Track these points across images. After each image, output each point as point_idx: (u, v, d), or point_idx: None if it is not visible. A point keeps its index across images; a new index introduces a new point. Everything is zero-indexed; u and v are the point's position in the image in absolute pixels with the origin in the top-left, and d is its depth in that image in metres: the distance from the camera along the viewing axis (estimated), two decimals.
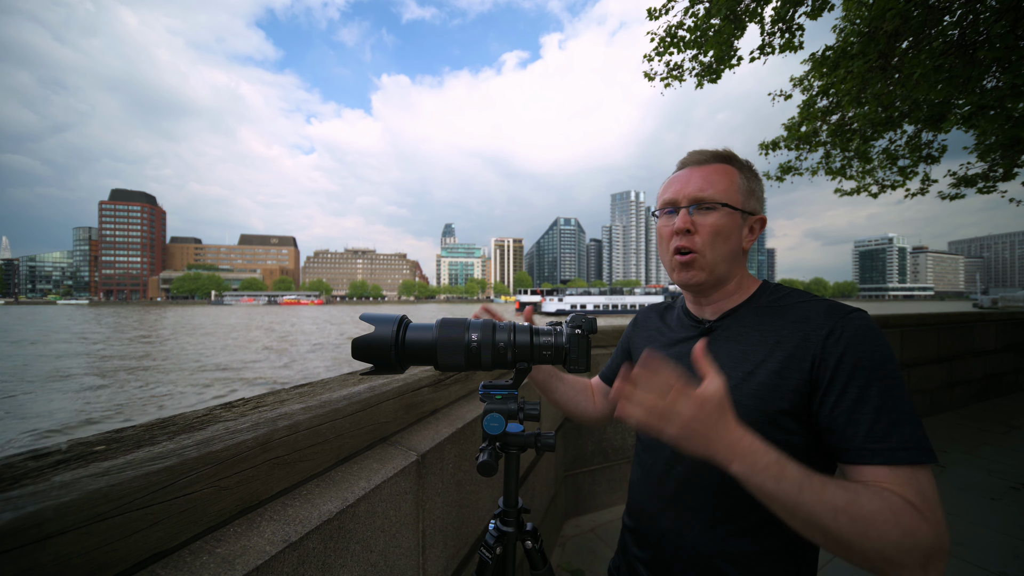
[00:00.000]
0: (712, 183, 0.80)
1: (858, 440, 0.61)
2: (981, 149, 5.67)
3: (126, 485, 0.56)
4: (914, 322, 4.99)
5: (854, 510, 0.53)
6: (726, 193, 0.79)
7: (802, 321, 0.73)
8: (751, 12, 4.53)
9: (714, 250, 0.79)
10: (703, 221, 0.79)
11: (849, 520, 0.53)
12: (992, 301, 70.74)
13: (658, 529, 0.84)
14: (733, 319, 0.83)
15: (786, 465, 0.56)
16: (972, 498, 2.95)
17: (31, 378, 13.51)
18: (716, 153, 0.84)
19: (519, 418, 0.83)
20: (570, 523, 2.73)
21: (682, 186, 0.82)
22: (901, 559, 0.52)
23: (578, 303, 63.25)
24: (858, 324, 0.68)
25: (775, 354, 0.72)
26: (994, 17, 3.52)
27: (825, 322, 0.70)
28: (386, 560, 0.91)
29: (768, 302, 0.81)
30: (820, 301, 0.76)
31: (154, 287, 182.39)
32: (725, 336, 0.81)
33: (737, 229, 0.80)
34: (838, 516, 0.53)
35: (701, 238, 0.79)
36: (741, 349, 0.77)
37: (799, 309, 0.75)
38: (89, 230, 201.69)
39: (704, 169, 0.82)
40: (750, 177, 0.83)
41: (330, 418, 0.92)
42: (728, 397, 0.59)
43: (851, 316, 0.70)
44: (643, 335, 1.02)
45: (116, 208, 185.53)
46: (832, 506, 0.53)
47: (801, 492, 0.55)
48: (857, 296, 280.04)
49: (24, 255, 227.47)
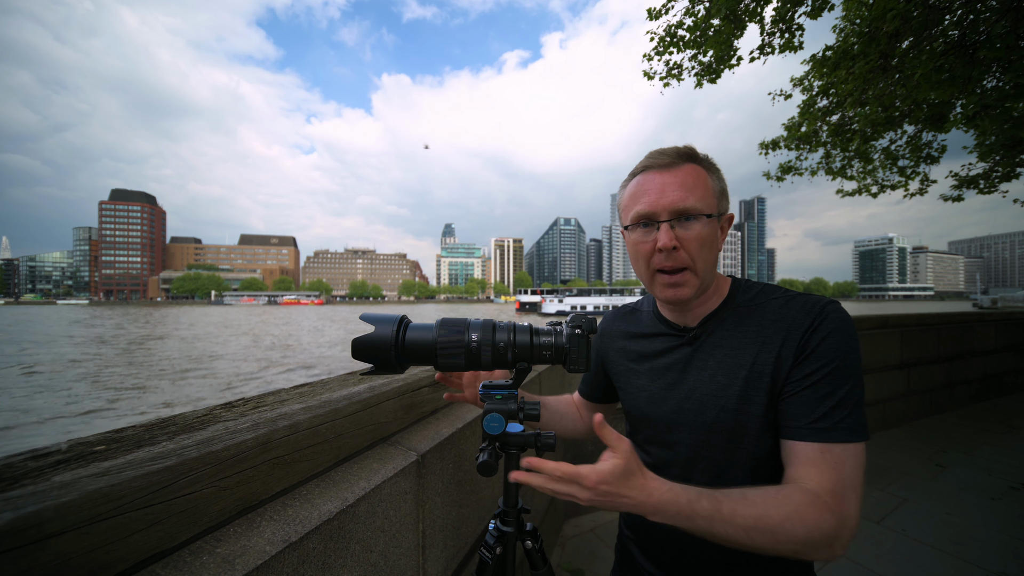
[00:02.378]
0: (690, 190, 0.74)
1: (800, 420, 0.68)
2: (982, 149, 5.67)
3: (126, 485, 0.56)
4: (914, 322, 4.99)
5: (763, 525, 0.60)
6: (705, 200, 0.74)
7: (781, 320, 0.75)
8: (751, 12, 4.53)
9: (702, 263, 0.76)
10: (687, 235, 0.74)
11: (760, 534, 0.61)
12: (992, 301, 70.75)
13: (667, 540, 0.84)
14: (715, 323, 0.82)
15: (697, 505, 0.61)
16: (972, 498, 2.95)
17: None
18: (679, 151, 0.77)
19: (519, 418, 0.83)
20: (570, 523, 2.73)
21: (658, 196, 0.75)
22: (809, 549, 0.62)
23: (578, 304, 63.26)
24: (834, 316, 0.72)
25: (763, 356, 0.74)
26: (994, 17, 3.52)
27: (804, 319, 0.73)
28: (386, 560, 0.91)
29: (743, 302, 0.81)
30: (792, 297, 0.78)
31: (154, 287, 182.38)
32: (712, 343, 0.81)
33: (716, 235, 0.78)
34: (750, 534, 0.61)
35: (688, 253, 0.75)
36: (728, 354, 0.78)
37: (774, 307, 0.77)
38: (89, 230, 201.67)
39: (675, 174, 0.75)
40: (717, 174, 0.79)
41: (330, 418, 0.92)
42: (633, 458, 0.62)
43: (827, 309, 0.73)
44: (615, 346, 0.98)
45: (116, 208, 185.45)
46: (743, 527, 0.60)
47: (712, 524, 0.61)
48: (857, 296, 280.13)
49: (24, 255, 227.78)
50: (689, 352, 0.83)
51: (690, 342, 0.84)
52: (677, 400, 0.82)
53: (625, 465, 0.61)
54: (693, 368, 0.81)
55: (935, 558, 2.30)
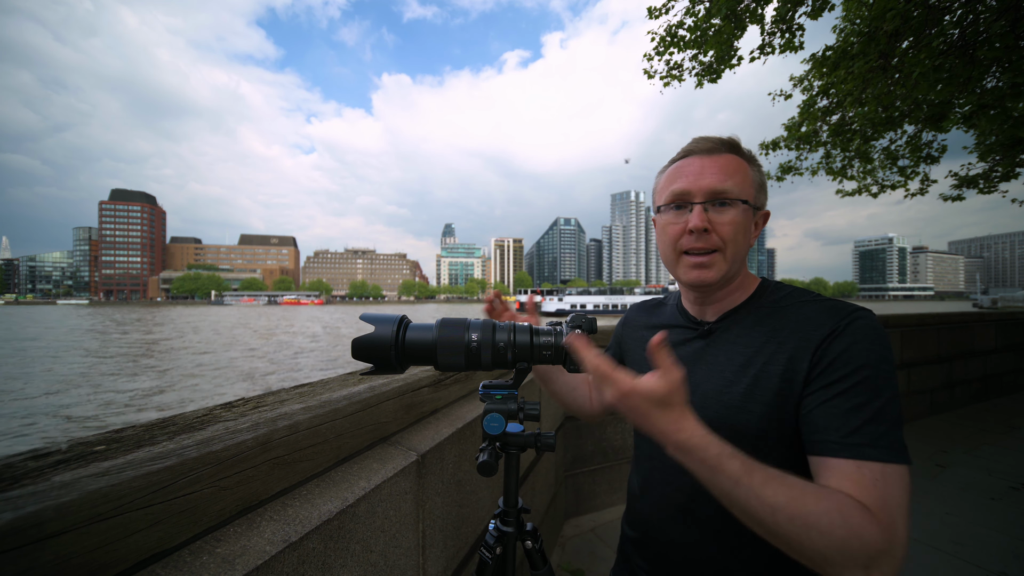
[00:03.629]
0: (729, 175, 0.73)
1: (830, 434, 0.61)
2: (981, 149, 5.67)
3: (126, 485, 0.56)
4: (914, 322, 4.99)
5: (793, 509, 0.52)
6: (742, 187, 0.74)
7: (803, 322, 0.71)
8: (751, 12, 4.53)
9: (733, 249, 0.74)
10: (720, 219, 0.73)
11: (787, 518, 0.52)
12: (992, 301, 70.73)
13: (665, 539, 0.82)
14: (733, 320, 0.80)
15: (727, 461, 0.55)
16: (972, 498, 2.95)
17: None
18: (725, 141, 0.77)
19: (519, 418, 0.83)
20: (570, 523, 2.73)
21: (696, 177, 0.74)
22: (843, 560, 0.51)
23: (578, 303, 63.22)
24: (861, 324, 0.66)
25: (777, 357, 0.70)
26: (994, 17, 3.52)
27: (826, 322, 0.68)
28: (386, 560, 0.91)
29: (768, 302, 0.78)
30: (823, 301, 0.73)
31: (154, 287, 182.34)
32: (725, 338, 0.79)
33: (750, 226, 0.76)
34: (776, 515, 0.53)
35: (720, 237, 0.73)
36: (741, 352, 0.75)
37: (800, 310, 0.73)
38: (89, 230, 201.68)
39: (716, 160, 0.75)
40: (758, 169, 0.79)
41: (330, 418, 0.92)
42: (678, 391, 0.57)
43: (855, 315, 0.68)
44: (634, 335, 0.99)
45: (116, 208, 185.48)
46: (770, 504, 0.53)
47: (736, 487, 0.54)
48: (857, 296, 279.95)
49: (24, 255, 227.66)
50: (702, 346, 0.82)
51: (704, 335, 0.82)
52: None
53: (666, 392, 0.56)
54: (703, 362, 0.80)
55: (935, 558, 2.30)
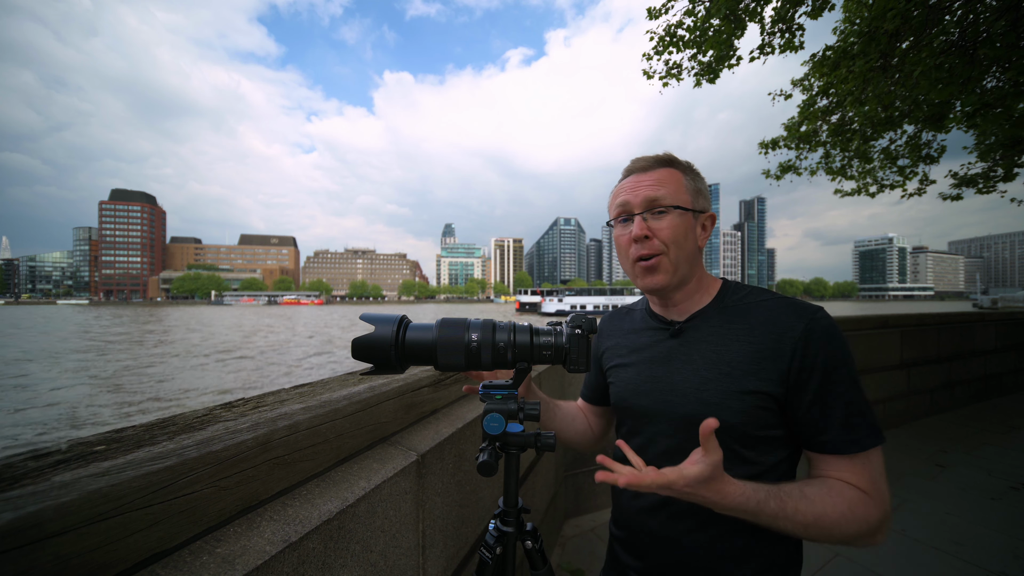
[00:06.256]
0: (662, 184, 0.83)
1: (831, 433, 0.73)
2: (981, 149, 5.66)
3: (126, 485, 0.56)
4: (914, 322, 4.99)
5: (822, 523, 0.67)
6: (676, 195, 0.83)
7: (770, 322, 0.78)
8: (751, 12, 4.53)
9: (675, 251, 0.82)
10: (658, 225, 0.82)
11: (817, 530, 0.68)
12: (992, 301, 70.68)
13: (649, 535, 0.85)
14: (701, 320, 0.86)
15: (764, 506, 0.67)
16: (972, 498, 2.95)
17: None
18: (658, 158, 0.87)
19: (519, 418, 0.83)
20: (570, 523, 2.73)
21: (632, 191, 0.85)
22: (856, 538, 0.69)
23: (578, 303, 63.21)
24: (826, 323, 0.76)
25: (749, 354, 0.77)
26: (994, 17, 3.52)
27: (796, 323, 0.76)
28: (386, 560, 0.91)
29: (732, 302, 0.85)
30: (780, 299, 0.82)
31: (154, 287, 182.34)
32: (696, 337, 0.84)
33: (691, 229, 0.84)
34: (808, 529, 0.68)
35: (661, 241, 0.82)
36: (714, 350, 0.81)
37: (764, 308, 0.81)
38: (89, 230, 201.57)
39: (651, 174, 0.85)
40: (694, 177, 0.87)
41: (330, 418, 0.92)
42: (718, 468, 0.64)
43: (818, 316, 0.76)
44: (609, 344, 1.03)
45: (116, 208, 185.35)
46: (803, 523, 0.67)
47: (776, 521, 0.67)
48: (857, 296, 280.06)
49: (24, 255, 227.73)
50: (675, 344, 0.87)
51: (676, 335, 0.87)
52: (660, 392, 0.85)
53: (711, 473, 0.64)
54: (677, 361, 0.85)
55: (935, 558, 2.30)
